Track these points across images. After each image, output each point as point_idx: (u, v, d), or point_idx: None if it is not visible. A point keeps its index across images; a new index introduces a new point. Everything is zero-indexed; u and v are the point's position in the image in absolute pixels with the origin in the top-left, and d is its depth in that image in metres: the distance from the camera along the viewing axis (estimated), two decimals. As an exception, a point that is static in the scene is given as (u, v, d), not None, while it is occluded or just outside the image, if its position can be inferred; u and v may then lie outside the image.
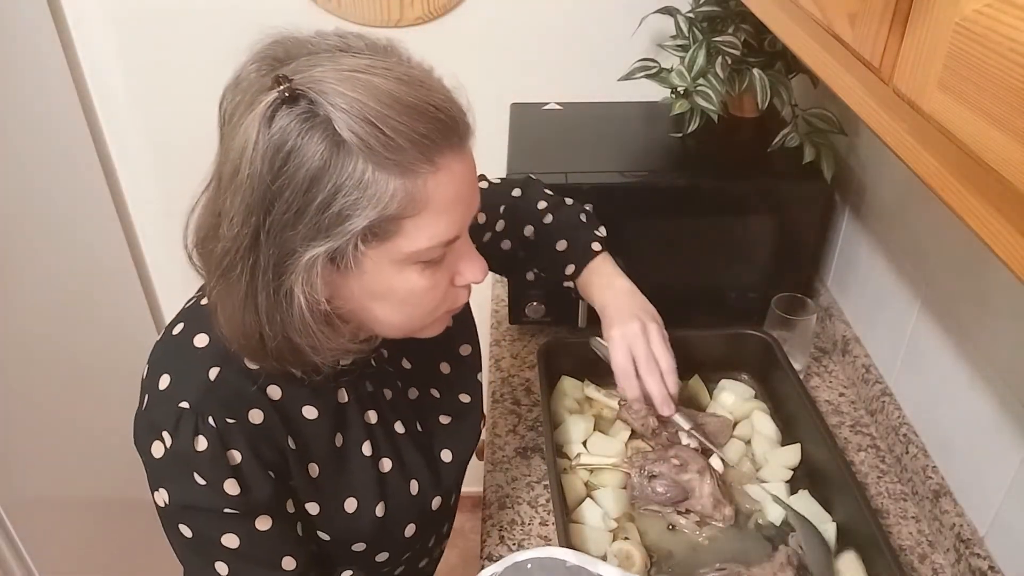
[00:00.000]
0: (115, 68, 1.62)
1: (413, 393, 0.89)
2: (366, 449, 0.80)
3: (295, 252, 0.63)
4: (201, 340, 0.73)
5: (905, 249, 1.14)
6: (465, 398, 0.95)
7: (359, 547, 0.82)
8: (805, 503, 1.02)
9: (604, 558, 0.96)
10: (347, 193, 0.61)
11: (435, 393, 0.92)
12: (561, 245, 1.02)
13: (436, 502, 0.88)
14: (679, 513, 1.02)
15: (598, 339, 0.98)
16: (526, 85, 1.57)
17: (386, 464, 0.82)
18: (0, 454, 1.36)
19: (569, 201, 1.06)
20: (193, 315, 0.76)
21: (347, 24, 1.52)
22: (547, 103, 1.50)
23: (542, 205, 1.05)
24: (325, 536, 0.80)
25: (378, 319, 0.72)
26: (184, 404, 0.69)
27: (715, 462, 1.08)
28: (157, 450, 0.70)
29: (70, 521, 1.57)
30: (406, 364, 0.89)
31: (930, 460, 1.05)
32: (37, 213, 1.50)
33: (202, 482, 0.69)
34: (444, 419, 0.92)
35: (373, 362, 0.83)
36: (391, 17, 1.52)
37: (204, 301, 0.75)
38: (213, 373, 0.71)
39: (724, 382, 1.22)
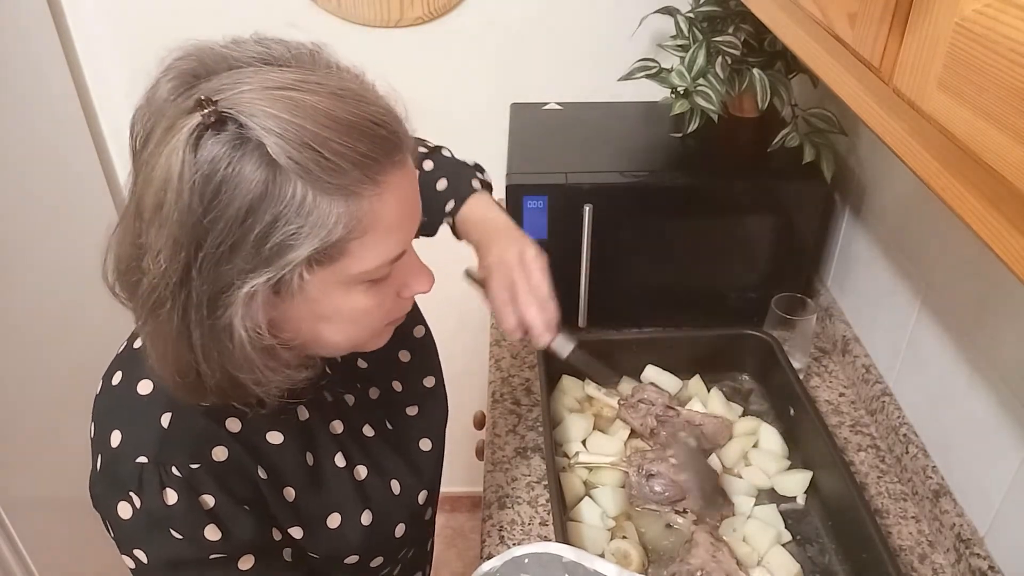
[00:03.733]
0: (115, 68, 1.62)
1: (375, 392, 0.87)
2: (339, 461, 0.78)
3: (232, 285, 0.59)
4: (145, 387, 0.69)
5: (905, 249, 1.14)
6: (429, 381, 0.93)
7: (352, 559, 0.80)
8: (802, 508, 1.02)
9: (602, 556, 0.96)
10: (287, 222, 0.57)
11: (397, 386, 0.89)
12: (441, 184, 0.96)
13: (423, 496, 0.86)
14: (677, 512, 1.02)
15: (471, 268, 0.93)
16: (526, 85, 1.57)
17: (362, 471, 0.80)
18: (0, 454, 1.36)
19: (447, 152, 1.01)
20: (131, 362, 0.71)
21: (347, 24, 1.52)
22: (547, 103, 1.50)
23: (422, 150, 1.00)
24: (315, 556, 0.78)
25: (324, 341, 0.69)
26: (142, 459, 0.65)
27: (713, 461, 1.09)
28: (125, 511, 0.66)
29: (70, 521, 1.57)
30: (362, 364, 0.87)
31: (930, 460, 1.05)
32: (36, 213, 1.50)
33: (180, 535, 0.66)
34: (411, 410, 0.90)
35: (328, 370, 0.80)
36: (391, 17, 1.52)
37: (138, 344, 0.72)
38: (166, 420, 0.67)
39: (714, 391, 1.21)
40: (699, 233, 1.28)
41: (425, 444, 0.89)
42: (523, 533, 1.03)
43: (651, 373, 1.23)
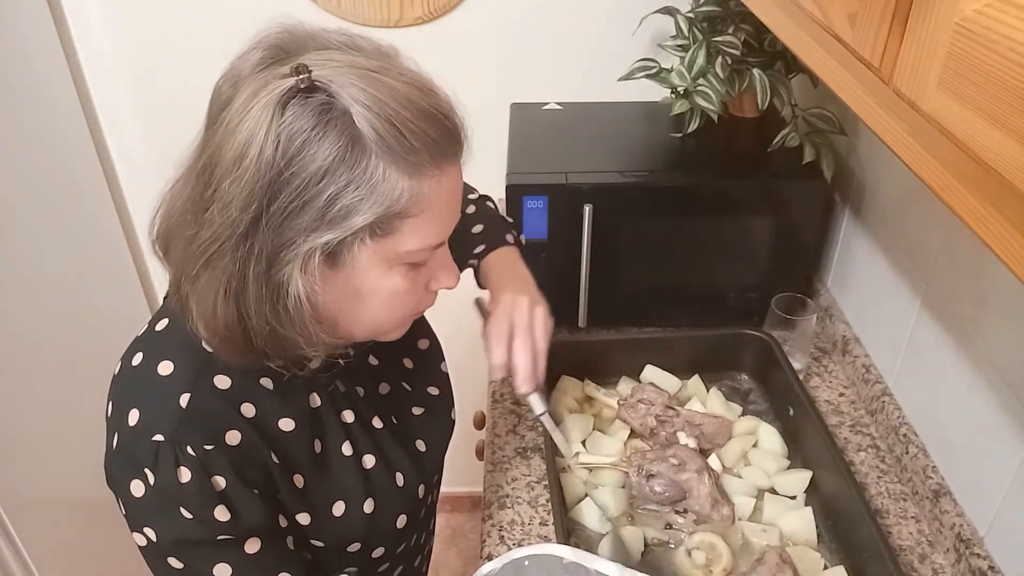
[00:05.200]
0: (115, 68, 1.62)
1: (384, 388, 0.89)
2: (346, 449, 0.79)
3: (294, 242, 0.62)
4: (166, 368, 0.70)
5: (905, 249, 1.14)
6: (433, 391, 0.95)
7: (354, 547, 0.82)
8: (801, 511, 1.02)
9: (689, 552, 0.96)
10: (358, 188, 0.61)
11: (406, 386, 0.92)
12: (477, 228, 1.01)
13: (422, 490, 0.88)
14: (677, 512, 1.02)
15: (482, 299, 0.94)
16: (526, 85, 1.57)
17: (369, 461, 0.81)
18: (0, 454, 1.36)
19: (492, 204, 1.08)
20: (151, 344, 0.73)
21: (347, 24, 1.52)
22: (547, 103, 1.50)
23: (472, 196, 1.07)
24: (319, 543, 0.79)
25: (354, 319, 0.71)
26: (159, 437, 0.67)
27: (713, 461, 1.09)
28: (137, 489, 0.67)
29: (70, 521, 1.57)
30: (373, 360, 0.89)
31: (930, 460, 1.05)
32: (37, 213, 1.50)
33: (190, 515, 0.67)
34: (417, 411, 0.92)
35: (342, 361, 0.82)
36: (391, 17, 1.52)
37: (160, 327, 0.74)
38: (184, 400, 0.69)
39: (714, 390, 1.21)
40: (699, 233, 1.28)
41: (420, 445, 0.90)
42: (523, 533, 1.03)
43: (650, 373, 1.23)
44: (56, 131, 1.57)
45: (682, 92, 1.31)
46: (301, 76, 0.59)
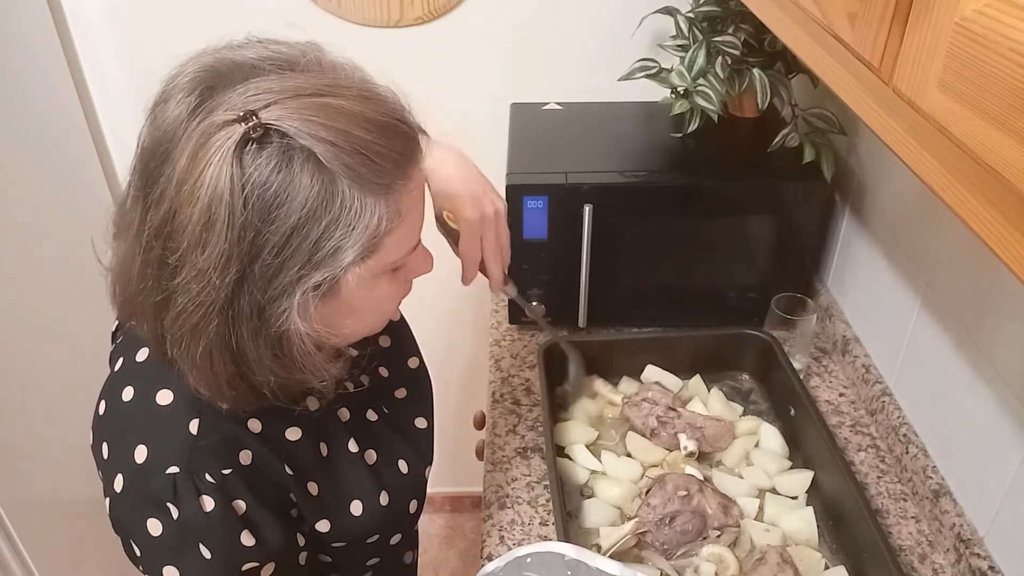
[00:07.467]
0: (115, 68, 1.62)
1: (365, 380, 0.88)
2: (352, 447, 0.79)
3: (286, 292, 0.60)
4: (165, 396, 0.68)
5: (905, 249, 1.14)
6: (413, 362, 0.95)
7: (373, 538, 0.82)
8: (802, 511, 1.02)
9: (696, 567, 0.95)
10: (339, 226, 0.59)
11: (383, 372, 0.91)
12: None
13: (428, 471, 0.89)
14: (705, 539, 0.97)
15: (448, 216, 0.94)
16: (526, 85, 1.57)
17: (372, 455, 0.81)
18: (0, 454, 1.36)
19: None
20: (139, 375, 0.71)
21: (347, 24, 1.52)
22: (547, 103, 1.50)
23: None
24: (340, 544, 0.79)
25: (348, 333, 0.70)
26: (173, 469, 0.65)
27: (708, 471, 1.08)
28: (155, 528, 0.65)
29: (70, 521, 1.57)
30: (352, 352, 0.89)
31: (930, 460, 1.05)
32: (37, 213, 1.50)
33: (215, 546, 0.65)
34: (400, 393, 0.91)
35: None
36: (391, 17, 1.52)
37: (141, 357, 0.71)
38: (194, 426, 0.67)
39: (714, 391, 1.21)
40: (699, 233, 1.28)
41: (421, 422, 0.91)
42: (523, 533, 1.03)
43: (651, 373, 1.23)
44: (56, 131, 1.57)
45: (682, 92, 1.31)
46: (250, 124, 0.55)
